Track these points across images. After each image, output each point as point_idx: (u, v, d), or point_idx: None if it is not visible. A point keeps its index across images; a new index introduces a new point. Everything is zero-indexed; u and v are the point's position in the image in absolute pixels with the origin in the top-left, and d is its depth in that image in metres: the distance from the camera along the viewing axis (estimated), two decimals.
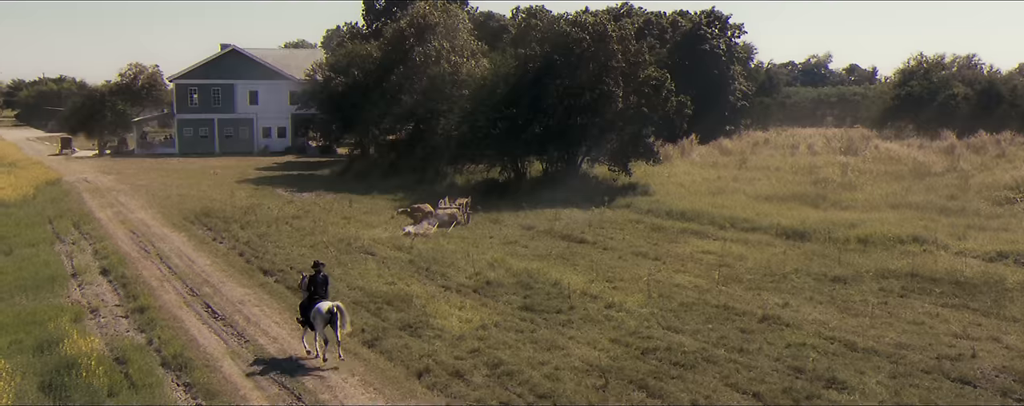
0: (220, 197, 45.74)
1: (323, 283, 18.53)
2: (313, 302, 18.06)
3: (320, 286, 18.41)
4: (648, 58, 46.38)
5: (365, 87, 58.19)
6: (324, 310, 17.74)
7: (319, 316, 17.77)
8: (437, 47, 55.49)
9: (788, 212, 36.86)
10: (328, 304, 17.90)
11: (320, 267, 18.85)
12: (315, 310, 17.83)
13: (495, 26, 74.55)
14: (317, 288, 18.36)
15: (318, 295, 18.23)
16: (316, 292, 18.29)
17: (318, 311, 17.78)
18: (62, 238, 33.34)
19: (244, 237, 33.35)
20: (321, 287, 18.41)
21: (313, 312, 17.90)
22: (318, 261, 19.44)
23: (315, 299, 18.12)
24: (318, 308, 17.79)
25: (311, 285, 18.46)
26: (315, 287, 18.37)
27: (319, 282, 18.45)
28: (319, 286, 18.40)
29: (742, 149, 67.82)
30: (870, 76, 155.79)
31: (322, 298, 18.17)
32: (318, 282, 18.44)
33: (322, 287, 18.43)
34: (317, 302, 17.98)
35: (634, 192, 44.38)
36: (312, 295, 18.29)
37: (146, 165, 67.14)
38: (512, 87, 46.02)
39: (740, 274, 25.92)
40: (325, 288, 18.54)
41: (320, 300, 18.05)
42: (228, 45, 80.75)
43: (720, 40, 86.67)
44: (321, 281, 18.48)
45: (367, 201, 43.95)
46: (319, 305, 17.84)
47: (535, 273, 25.83)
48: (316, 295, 18.23)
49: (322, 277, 18.60)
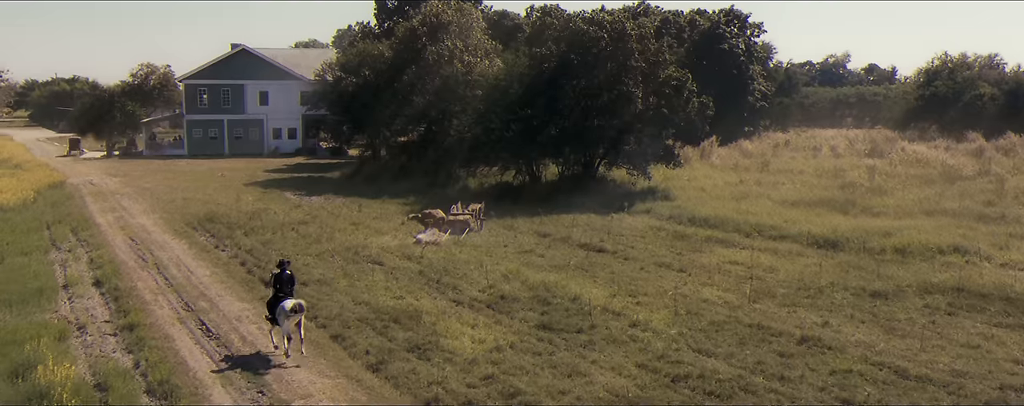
0: (226, 201, 44.33)
1: (289, 281, 19.13)
2: (279, 300, 18.62)
3: (285, 284, 19.00)
4: (668, 58, 44.67)
5: (376, 87, 56.71)
6: (288, 307, 18.23)
7: (284, 313, 18.26)
8: (450, 46, 53.94)
9: (817, 219, 35.13)
10: (292, 301, 18.42)
11: (285, 265, 19.48)
12: (280, 308, 18.36)
13: (509, 25, 72.95)
14: (282, 286, 18.97)
15: (284, 293, 18.80)
16: (281, 289, 18.89)
17: (283, 308, 18.30)
18: (58, 245, 31.95)
19: (247, 245, 31.88)
20: (286, 285, 18.99)
21: (278, 309, 18.43)
22: (283, 259, 20.18)
23: (281, 297, 18.68)
24: (283, 305, 18.34)
25: (277, 283, 19.13)
26: (281, 285, 18.99)
27: (285, 280, 19.06)
28: (285, 284, 18.99)
29: (763, 151, 66.06)
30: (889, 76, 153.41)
31: (288, 296, 18.72)
32: (284, 280, 19.06)
33: (288, 285, 19.04)
34: (282, 300, 18.52)
35: (654, 197, 42.70)
36: (277, 293, 18.91)
37: (153, 167, 65.90)
38: (527, 87, 44.43)
39: (772, 288, 24.22)
40: (291, 286, 19.13)
41: (285, 298, 18.59)
42: (239, 45, 79.48)
43: (739, 39, 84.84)
44: (286, 279, 19.08)
45: (377, 206, 42.44)
46: (284, 303, 18.38)
47: (553, 286, 24.23)
48: (281, 292, 18.81)
49: (287, 275, 19.20)
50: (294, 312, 18.29)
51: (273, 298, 18.95)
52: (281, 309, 18.30)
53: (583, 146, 44.59)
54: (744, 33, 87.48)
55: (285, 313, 18.23)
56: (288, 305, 18.24)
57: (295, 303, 18.40)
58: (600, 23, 43.45)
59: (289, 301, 18.40)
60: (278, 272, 19.31)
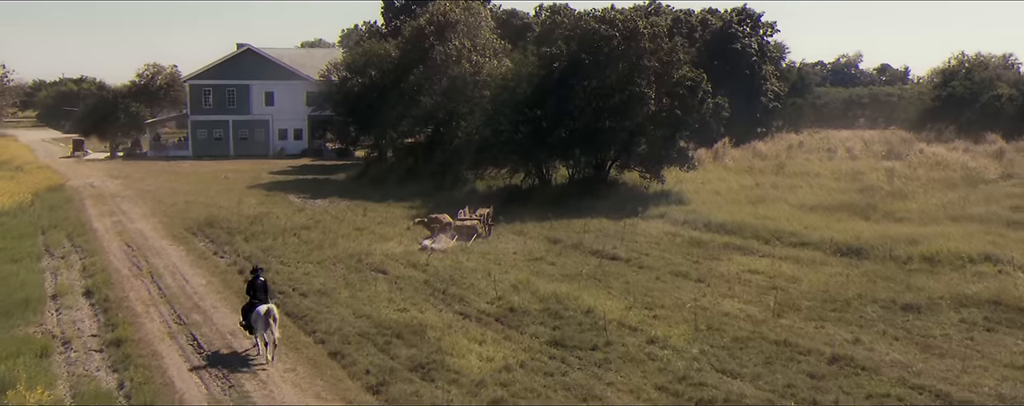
0: (228, 204, 43.21)
1: (262, 288, 19.51)
2: (253, 306, 18.89)
3: (259, 290, 19.39)
4: (682, 57, 43.38)
5: (382, 88, 55.53)
6: (262, 313, 18.47)
7: (259, 319, 18.50)
8: (458, 46, 52.73)
9: (838, 225, 33.81)
10: (265, 307, 18.62)
11: (259, 272, 19.94)
12: (255, 313, 18.63)
13: (518, 24, 71.73)
14: (256, 292, 19.33)
15: (258, 299, 19.10)
16: (255, 296, 19.22)
17: (257, 314, 18.56)
18: (51, 252, 30.87)
19: (247, 251, 30.73)
20: (260, 291, 19.38)
21: (253, 315, 18.69)
22: (257, 266, 20.80)
23: (255, 303, 18.95)
24: (257, 311, 18.60)
25: (251, 289, 19.53)
26: (255, 291, 19.37)
27: (258, 287, 19.45)
28: (258, 290, 19.38)
29: (777, 153, 64.69)
30: (902, 76, 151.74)
31: (262, 302, 18.96)
32: (257, 287, 19.45)
33: (261, 291, 19.38)
34: (256, 306, 18.77)
35: (667, 201, 41.40)
36: (252, 299, 19.22)
37: (157, 168, 64.88)
38: (536, 88, 43.19)
39: (796, 300, 22.93)
40: (264, 292, 19.46)
41: (259, 304, 18.83)
42: (244, 45, 78.44)
43: (752, 39, 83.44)
44: (260, 286, 19.49)
45: (382, 209, 41.25)
46: (258, 308, 18.63)
47: (565, 298, 22.98)
48: (255, 299, 19.12)
49: (261, 282, 19.58)
50: (268, 316, 18.44)
51: (248, 304, 19.21)
52: (256, 315, 18.56)
53: (594, 148, 43.33)
54: (757, 32, 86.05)
55: (260, 318, 18.46)
56: (262, 310, 18.48)
57: (268, 308, 18.60)
58: (611, 21, 42.20)
59: (263, 307, 18.63)
60: (252, 278, 19.73)
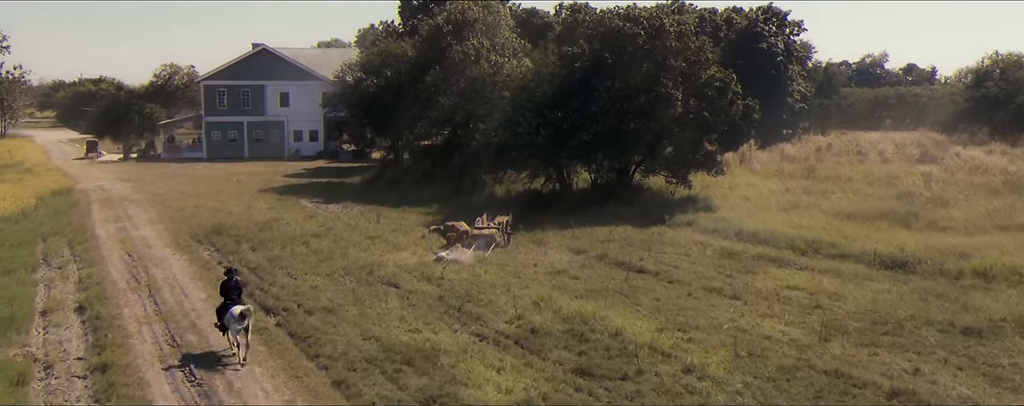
0: (238, 209, 41.70)
1: (235, 288, 19.73)
2: (227, 307, 18.94)
3: (232, 290, 19.57)
4: (710, 57, 41.43)
5: (398, 88, 53.88)
6: (236, 313, 18.55)
7: (232, 319, 18.57)
8: (476, 45, 51.01)
9: (879, 235, 31.81)
10: (239, 308, 18.70)
11: (232, 273, 20.29)
12: (229, 313, 18.69)
13: (538, 23, 69.89)
14: (230, 293, 19.48)
15: (231, 299, 19.23)
16: (229, 297, 19.35)
17: (231, 314, 18.62)
18: (49, 261, 29.41)
19: (253, 261, 29.16)
20: (234, 291, 19.56)
21: (227, 316, 18.76)
22: (231, 267, 21.41)
23: (229, 303, 19.04)
24: (231, 312, 18.64)
25: (224, 290, 19.67)
26: (228, 292, 19.52)
27: (232, 287, 19.64)
28: (231, 291, 19.55)
29: (806, 156, 62.58)
30: (929, 76, 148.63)
31: (236, 302, 19.10)
32: (231, 287, 19.63)
33: (235, 292, 19.59)
34: (230, 306, 18.84)
35: (694, 207, 39.49)
36: (226, 300, 19.32)
37: (169, 171, 63.60)
38: (558, 88, 41.37)
39: (843, 321, 21.03)
40: (238, 292, 19.69)
41: (233, 304, 18.93)
42: (260, 44, 77.11)
43: (778, 38, 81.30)
44: (233, 286, 19.71)
45: (397, 215, 39.60)
46: (231, 309, 18.70)
47: (590, 318, 21.19)
48: (229, 299, 19.24)
49: (234, 282, 19.84)
50: (242, 318, 18.53)
51: (222, 305, 19.27)
52: (230, 315, 18.63)
53: (618, 152, 41.46)
54: (783, 32, 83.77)
55: (234, 319, 18.53)
56: (236, 311, 18.55)
57: (243, 309, 18.69)
58: (636, 19, 40.35)
59: (237, 307, 18.70)
60: (226, 280, 19.93)
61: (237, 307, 18.67)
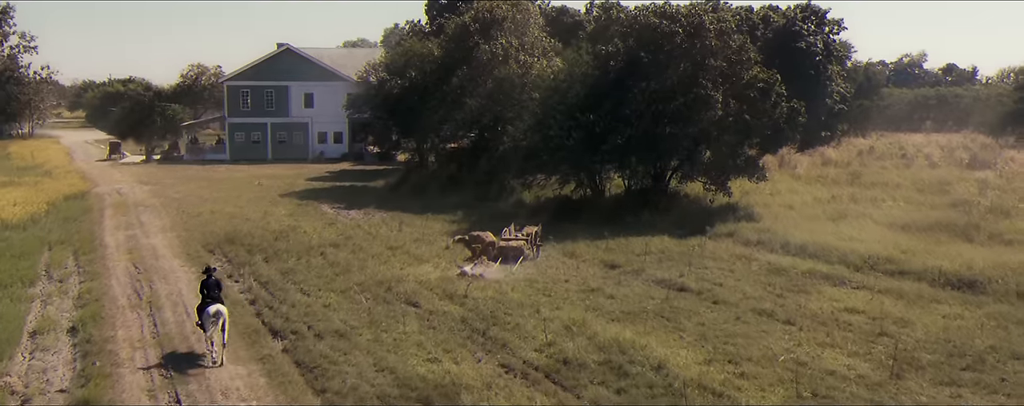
0: (255, 216, 39.97)
1: (215, 286, 19.41)
2: (206, 305, 18.82)
3: (212, 289, 19.28)
4: (753, 56, 39.05)
5: (423, 89, 51.96)
6: (211, 312, 18.56)
7: (207, 318, 18.56)
8: (504, 44, 48.95)
9: (939, 249, 29.38)
10: (214, 308, 18.66)
11: (211, 272, 20.02)
12: (205, 312, 18.65)
13: (568, 22, 67.68)
14: (209, 291, 19.20)
15: (211, 298, 19.01)
16: (209, 295, 19.12)
17: (206, 314, 18.61)
18: (50, 273, 27.71)
19: (265, 275, 27.29)
20: (213, 290, 19.26)
21: (204, 315, 18.72)
22: (209, 266, 21.08)
23: (208, 302, 18.88)
24: (207, 311, 18.63)
25: (204, 288, 19.41)
26: (208, 290, 19.25)
27: (211, 285, 19.34)
28: (211, 289, 19.27)
29: (848, 160, 59.92)
30: (970, 76, 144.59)
31: (214, 301, 18.94)
32: (210, 285, 19.33)
33: (214, 290, 19.28)
34: (208, 305, 18.73)
35: (735, 216, 37.18)
36: (205, 298, 19.09)
37: (190, 173, 62.16)
38: (590, 90, 39.19)
39: (914, 353, 18.69)
40: (217, 291, 19.37)
41: (212, 302, 18.81)
42: (284, 44, 75.61)
43: (816, 37, 78.57)
44: (213, 284, 19.39)
45: (420, 223, 37.64)
46: (208, 308, 18.65)
47: (628, 346, 19.02)
48: (209, 298, 19.03)
49: (213, 281, 19.53)
50: (217, 317, 18.55)
51: (202, 304, 19.12)
52: (206, 314, 18.63)
53: (653, 156, 39.19)
54: (822, 30, 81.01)
55: (209, 318, 18.53)
56: (211, 311, 18.56)
57: (217, 308, 18.67)
58: (674, 16, 38.06)
59: (213, 307, 18.66)
60: (205, 278, 19.72)
61: (212, 307, 18.71)
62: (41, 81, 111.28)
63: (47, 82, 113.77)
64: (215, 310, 18.54)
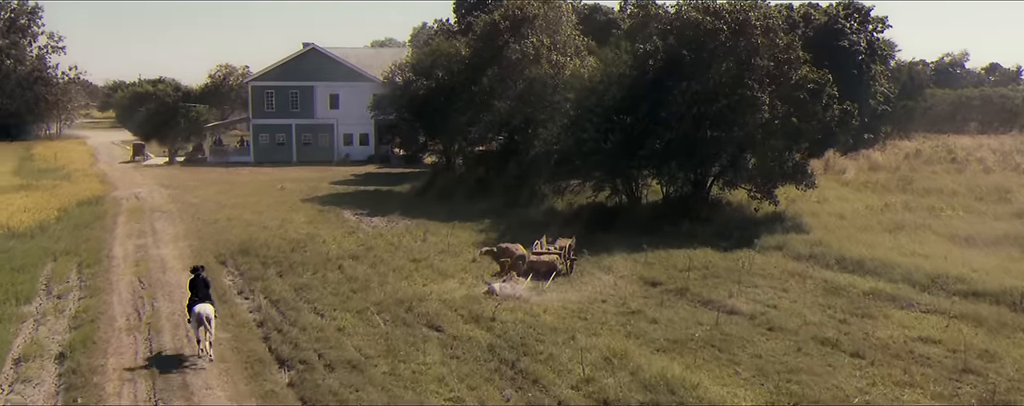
0: (273, 223, 38.07)
1: (203, 285, 19.78)
2: (193, 304, 19.23)
3: (200, 288, 19.65)
4: (802, 55, 36.50)
5: (450, 90, 49.82)
6: (197, 311, 18.95)
7: (194, 317, 19.00)
8: (536, 43, 46.67)
9: (1015, 266, 26.99)
10: (200, 307, 19.04)
11: (199, 271, 20.28)
12: (192, 311, 19.11)
13: (601, 20, 65.27)
14: (197, 290, 19.57)
15: (199, 296, 19.39)
16: (197, 293, 19.49)
17: (193, 312, 19.06)
18: (50, 288, 25.92)
19: (277, 292, 25.30)
20: (201, 289, 19.66)
21: (191, 314, 19.18)
22: (197, 265, 21.10)
23: (195, 301, 19.29)
24: (194, 310, 19.06)
25: (192, 287, 19.75)
26: (195, 289, 19.63)
27: (199, 284, 19.71)
28: (199, 288, 19.63)
29: (895, 163, 57.00)
30: (1014, 76, 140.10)
31: (202, 300, 19.34)
32: (198, 284, 19.70)
33: (202, 289, 19.66)
34: (196, 304, 19.15)
35: (782, 226, 34.69)
36: (193, 297, 19.48)
37: (212, 176, 60.55)
38: (627, 91, 36.84)
39: (1009, 397, 16.24)
40: (205, 290, 19.77)
41: (200, 301, 19.23)
42: (310, 44, 73.89)
43: (860, 35, 75.59)
44: (201, 283, 19.75)
45: (446, 231, 35.50)
46: (194, 307, 19.09)
47: (677, 384, 16.72)
48: (196, 296, 19.42)
49: (202, 279, 19.87)
50: (202, 316, 18.90)
51: (190, 302, 19.50)
52: (192, 313, 19.10)
53: (694, 162, 36.74)
54: (865, 28, 77.97)
55: (195, 316, 18.96)
56: (197, 310, 18.97)
57: (203, 308, 19.04)
58: (718, 12, 35.59)
59: (198, 306, 19.06)
60: (193, 277, 20.04)
61: (198, 306, 19.07)
62: (69, 82, 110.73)
63: (75, 82, 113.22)
64: (201, 310, 18.94)
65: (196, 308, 18.95)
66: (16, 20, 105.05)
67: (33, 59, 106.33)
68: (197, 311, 18.87)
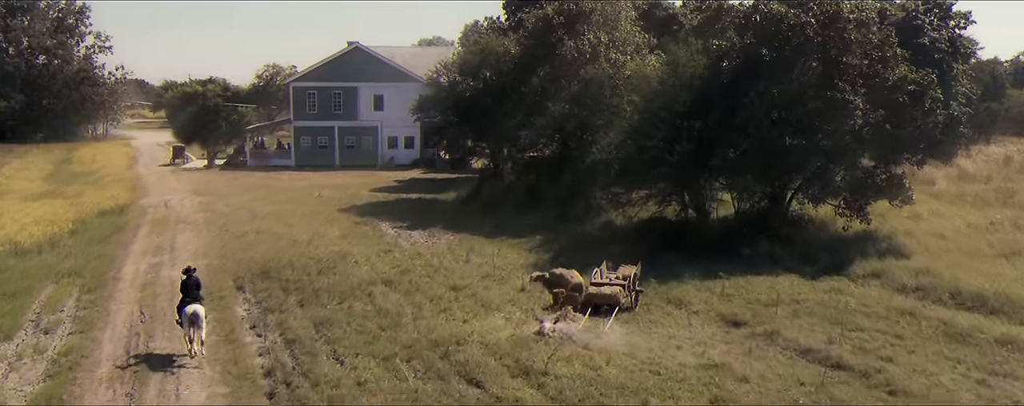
0: (304, 237, 34.64)
1: (194, 286, 20.11)
2: (185, 303, 19.61)
3: (191, 288, 20.01)
4: (900, 53, 32.01)
5: (499, 92, 45.98)
6: (188, 313, 19.30)
7: (184, 317, 19.36)
8: (592, 40, 42.63)
9: None
10: (191, 308, 19.33)
11: (191, 272, 20.56)
12: (182, 312, 19.49)
13: (661, 15, 60.84)
14: (189, 291, 19.94)
15: (190, 297, 19.76)
16: (188, 294, 19.87)
17: (184, 313, 19.41)
18: (40, 320, 22.68)
19: (295, 328, 21.76)
20: (192, 289, 20.00)
21: (181, 314, 19.54)
22: (189, 266, 21.29)
23: (187, 301, 19.66)
24: (184, 311, 19.43)
25: (183, 288, 20.17)
26: (187, 290, 20.02)
27: (190, 285, 20.07)
28: (190, 289, 20.00)
29: (987, 172, 51.73)
30: None
31: (193, 300, 19.67)
32: (189, 285, 20.06)
33: (193, 290, 19.98)
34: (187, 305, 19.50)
35: (876, 249, 30.28)
36: (184, 297, 19.88)
37: (251, 181, 57.55)
38: (697, 93, 32.71)
39: None
40: (197, 291, 20.10)
41: (191, 302, 19.56)
42: (354, 42, 70.72)
43: (941, 32, 70.18)
44: (192, 284, 20.10)
45: (491, 251, 31.71)
46: (185, 308, 19.45)
47: None
48: (187, 297, 19.81)
49: (193, 281, 20.19)
50: (194, 317, 19.13)
51: (181, 302, 19.76)
52: (183, 314, 19.33)
53: (773, 173, 32.47)
54: (946, 24, 72.54)
55: (186, 317, 19.23)
56: (188, 311, 19.23)
57: (194, 310, 19.27)
58: (804, 4, 31.26)
59: (189, 307, 19.30)
60: (185, 278, 20.28)
61: (189, 307, 19.33)
62: (116, 82, 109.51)
63: (121, 82, 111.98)
64: (192, 311, 19.29)
65: (187, 309, 19.34)
66: (64, 20, 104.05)
67: (80, 59, 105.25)
68: (188, 311, 19.26)
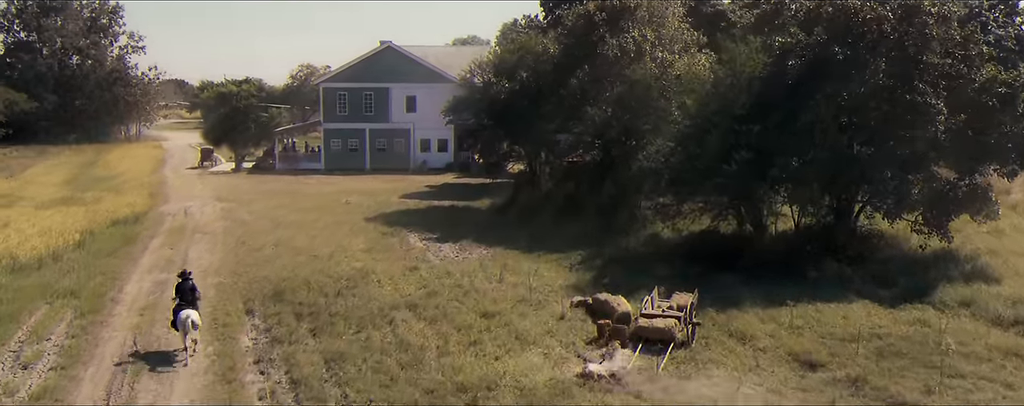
0: (325, 251, 32.00)
1: (190, 291, 20.38)
2: (181, 307, 19.87)
3: (186, 293, 20.25)
4: (985, 51, 28.61)
5: (536, 93, 43.00)
6: (182, 318, 19.58)
7: (179, 322, 19.60)
8: (637, 38, 39.54)
9: None
10: (185, 313, 19.64)
11: (187, 276, 20.75)
12: (178, 317, 19.69)
13: (709, 12, 57.59)
14: (184, 295, 20.19)
15: (185, 302, 20.04)
16: (183, 299, 20.12)
17: (179, 317, 19.67)
18: (19, 353, 20.19)
19: (303, 364, 19.10)
20: (188, 294, 20.26)
21: (177, 318, 19.74)
22: (185, 270, 21.62)
23: (182, 305, 19.95)
24: (179, 316, 19.67)
25: (178, 292, 20.42)
26: (182, 294, 20.24)
27: (186, 289, 20.31)
28: (185, 294, 20.22)
29: None
30: None
31: (188, 305, 20.00)
32: (185, 290, 20.31)
33: (188, 294, 20.26)
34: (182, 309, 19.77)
35: (959, 271, 27.02)
36: (180, 302, 20.13)
37: (278, 186, 55.18)
38: (756, 97, 29.54)
39: None
40: (192, 295, 20.39)
41: (186, 307, 19.88)
42: (387, 42, 68.18)
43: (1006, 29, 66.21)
44: (188, 289, 20.35)
45: (527, 268, 28.80)
46: (180, 313, 19.68)
47: None
48: (183, 301, 20.06)
49: (189, 285, 20.44)
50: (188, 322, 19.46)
51: (177, 307, 20.09)
52: (178, 318, 19.66)
53: (841, 184, 29.22)
54: (1012, 21, 68.56)
55: (181, 322, 19.55)
56: (183, 316, 19.57)
57: (188, 314, 19.61)
58: None
59: (184, 312, 19.66)
60: (180, 282, 20.60)
61: (184, 312, 19.63)
62: (149, 82, 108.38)
63: (155, 83, 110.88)
64: (186, 315, 19.58)
65: (181, 314, 19.65)
66: (97, 19, 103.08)
67: (113, 59, 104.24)
68: (182, 317, 19.56)
